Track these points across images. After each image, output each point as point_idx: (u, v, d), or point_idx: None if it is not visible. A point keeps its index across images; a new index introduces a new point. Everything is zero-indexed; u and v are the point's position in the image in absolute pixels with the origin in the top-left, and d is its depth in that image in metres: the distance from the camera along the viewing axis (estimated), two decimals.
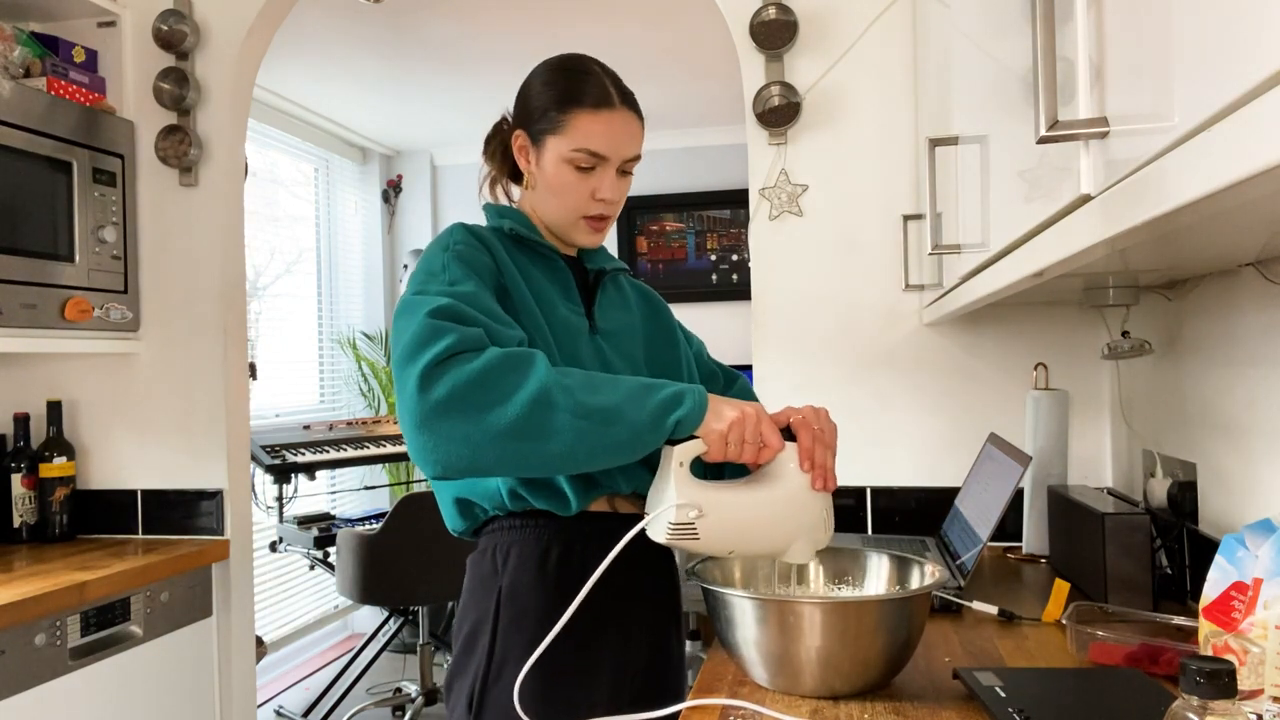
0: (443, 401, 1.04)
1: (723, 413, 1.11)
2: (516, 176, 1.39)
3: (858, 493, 2.08)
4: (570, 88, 1.27)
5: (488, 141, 1.40)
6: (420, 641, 3.48)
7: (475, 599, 1.27)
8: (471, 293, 1.15)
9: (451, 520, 1.32)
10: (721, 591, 1.12)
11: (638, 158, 1.31)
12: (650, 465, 1.30)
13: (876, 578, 1.27)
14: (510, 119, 1.37)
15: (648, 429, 1.08)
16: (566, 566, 1.24)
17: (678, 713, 1.12)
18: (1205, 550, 1.42)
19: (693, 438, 1.11)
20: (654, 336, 1.42)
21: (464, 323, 1.10)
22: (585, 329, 1.31)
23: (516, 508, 1.25)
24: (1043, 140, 0.64)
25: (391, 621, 3.78)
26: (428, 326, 1.08)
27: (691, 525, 1.09)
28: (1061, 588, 1.43)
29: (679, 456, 1.10)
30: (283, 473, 3.49)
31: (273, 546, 3.58)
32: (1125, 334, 1.76)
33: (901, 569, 1.24)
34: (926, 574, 1.19)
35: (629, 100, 1.30)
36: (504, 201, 1.41)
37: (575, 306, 1.31)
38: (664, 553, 1.36)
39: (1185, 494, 1.53)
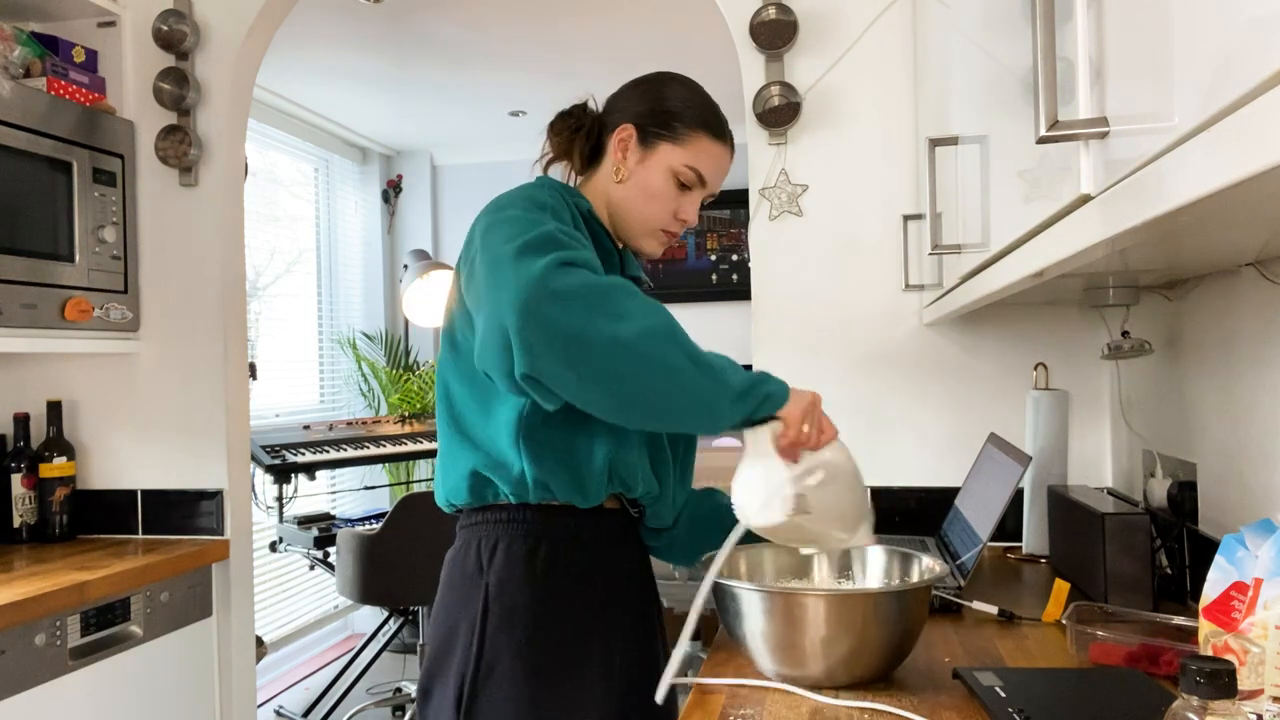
0: (567, 292, 1.02)
1: (800, 396, 1.11)
2: (582, 165, 1.37)
3: None
4: (704, 111, 1.32)
5: (562, 119, 1.37)
6: (420, 641, 3.48)
7: (457, 596, 1.24)
8: (581, 244, 1.14)
9: (454, 493, 1.27)
10: (731, 585, 1.16)
11: (716, 195, 1.36)
12: (657, 470, 1.32)
13: (878, 572, 1.31)
14: (601, 108, 1.37)
15: (740, 396, 1.07)
16: (555, 563, 1.23)
17: (675, 712, 1.12)
18: (1205, 550, 1.42)
19: (771, 418, 1.10)
20: None
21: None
22: None
23: (535, 498, 1.22)
24: (1043, 140, 0.64)
25: (391, 621, 3.78)
26: (554, 233, 1.09)
27: (805, 499, 1.09)
28: (1061, 588, 1.43)
29: (771, 435, 1.10)
30: (283, 473, 3.49)
31: (273, 546, 3.58)
32: (1125, 334, 1.76)
33: (903, 564, 1.28)
34: (925, 567, 1.23)
35: (733, 143, 1.37)
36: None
37: None
38: (643, 558, 1.37)
39: (1185, 494, 1.53)
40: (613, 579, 1.29)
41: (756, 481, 1.11)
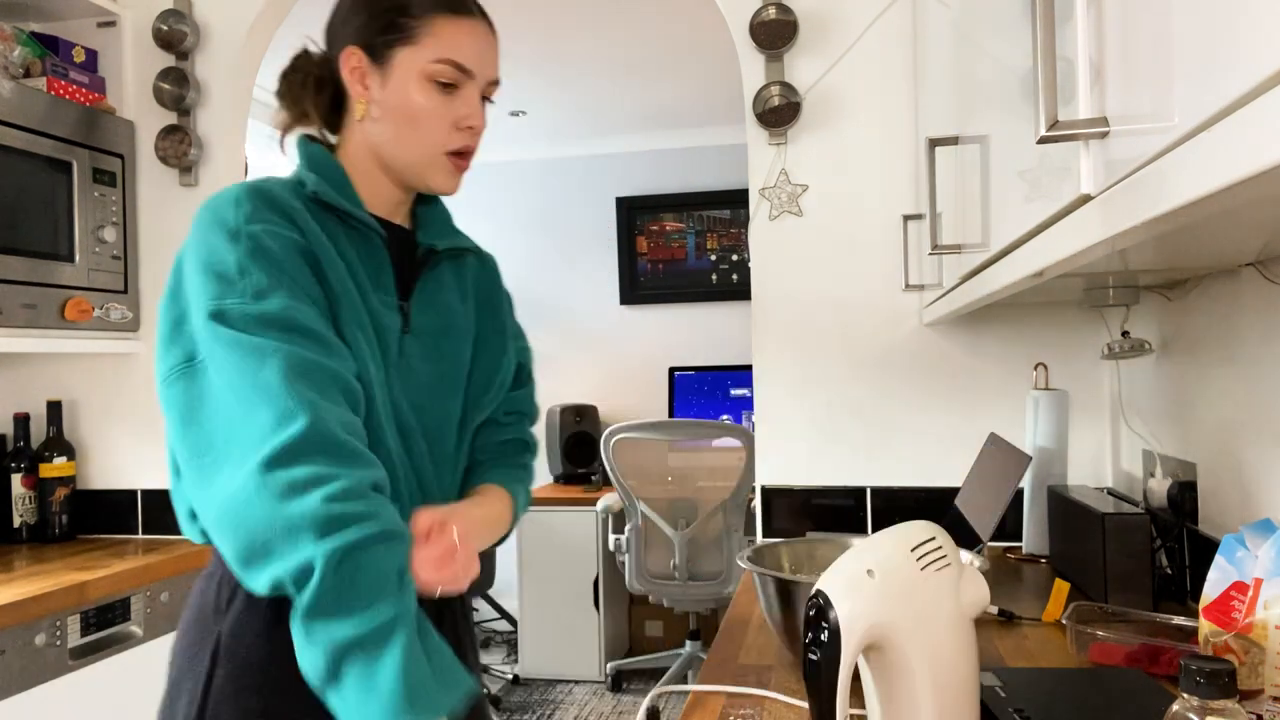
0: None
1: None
2: (330, 122, 1.15)
3: (857, 493, 2.08)
4: None
5: (285, 77, 1.17)
6: None
7: (189, 635, 1.02)
8: (283, 312, 0.92)
9: (185, 527, 1.03)
10: (777, 576, 1.17)
11: (498, 84, 1.11)
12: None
13: None
14: (321, 45, 1.14)
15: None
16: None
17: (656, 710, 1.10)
18: (1205, 550, 1.42)
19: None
20: (484, 336, 1.19)
21: (308, 375, 0.91)
22: (396, 327, 1.07)
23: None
24: (1043, 140, 0.64)
25: None
26: (269, 396, 0.89)
27: None
28: (1061, 588, 1.43)
29: None
30: None
31: None
32: (1125, 334, 1.76)
33: None
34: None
35: (486, 16, 1.11)
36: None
37: (387, 297, 1.07)
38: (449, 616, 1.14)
39: (1185, 494, 1.53)
40: None
41: None
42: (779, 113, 2.06)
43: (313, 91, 1.14)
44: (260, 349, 0.91)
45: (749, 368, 4.24)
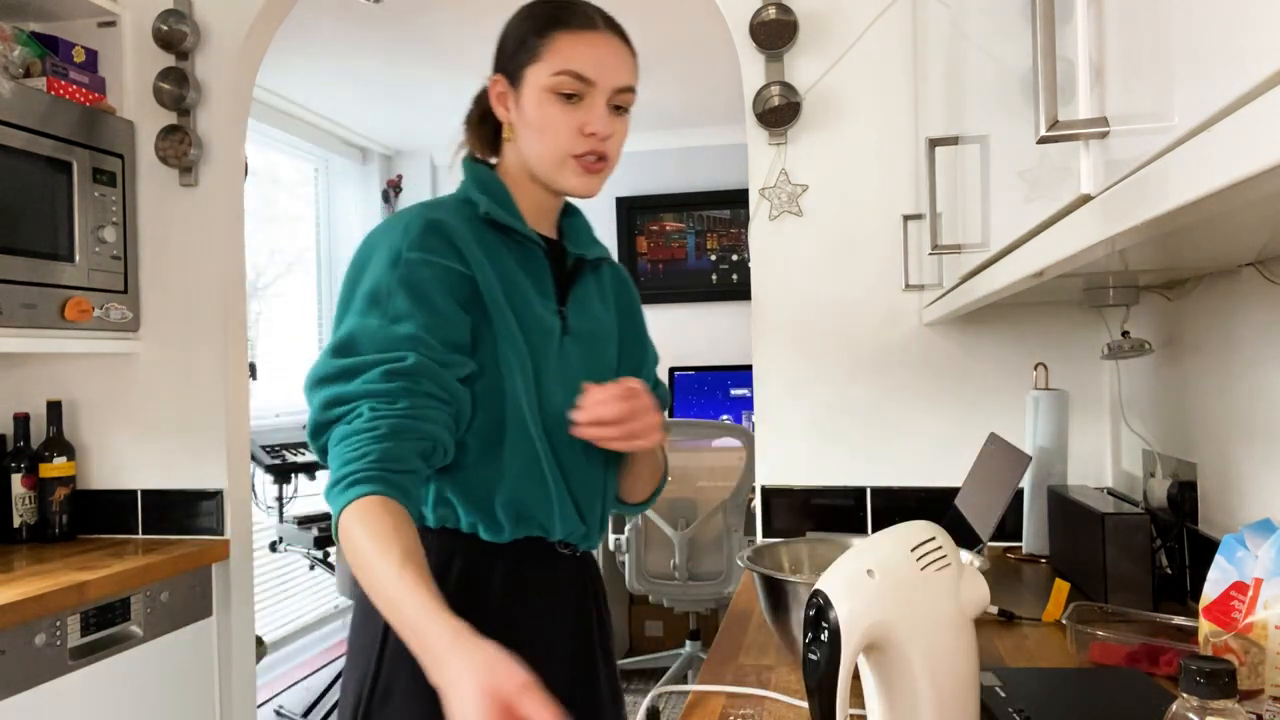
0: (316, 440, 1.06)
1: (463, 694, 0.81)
2: (497, 147, 1.25)
3: (857, 493, 2.08)
4: (550, 13, 1.16)
5: (466, 120, 1.29)
6: None
7: (365, 609, 1.14)
8: (410, 336, 1.05)
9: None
10: (776, 576, 1.18)
11: (631, 91, 1.17)
12: (580, 506, 1.20)
13: None
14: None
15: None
16: (467, 586, 1.11)
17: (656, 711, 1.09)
18: (1205, 550, 1.42)
19: None
20: (627, 339, 1.32)
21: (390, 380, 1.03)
22: (557, 330, 1.18)
23: (436, 524, 1.14)
24: (1043, 140, 0.64)
25: None
26: (349, 342, 1.06)
27: None
28: (1061, 588, 1.43)
29: None
30: (283, 473, 3.49)
31: (273, 546, 3.58)
32: (1125, 334, 1.76)
33: None
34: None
35: (615, 27, 1.18)
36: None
37: (549, 302, 1.19)
38: (575, 580, 1.24)
39: (1185, 494, 1.53)
40: (531, 605, 1.16)
41: None
42: (779, 113, 2.06)
43: (476, 123, 1.26)
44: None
45: (749, 368, 4.24)
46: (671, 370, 4.46)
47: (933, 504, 2.04)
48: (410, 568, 0.89)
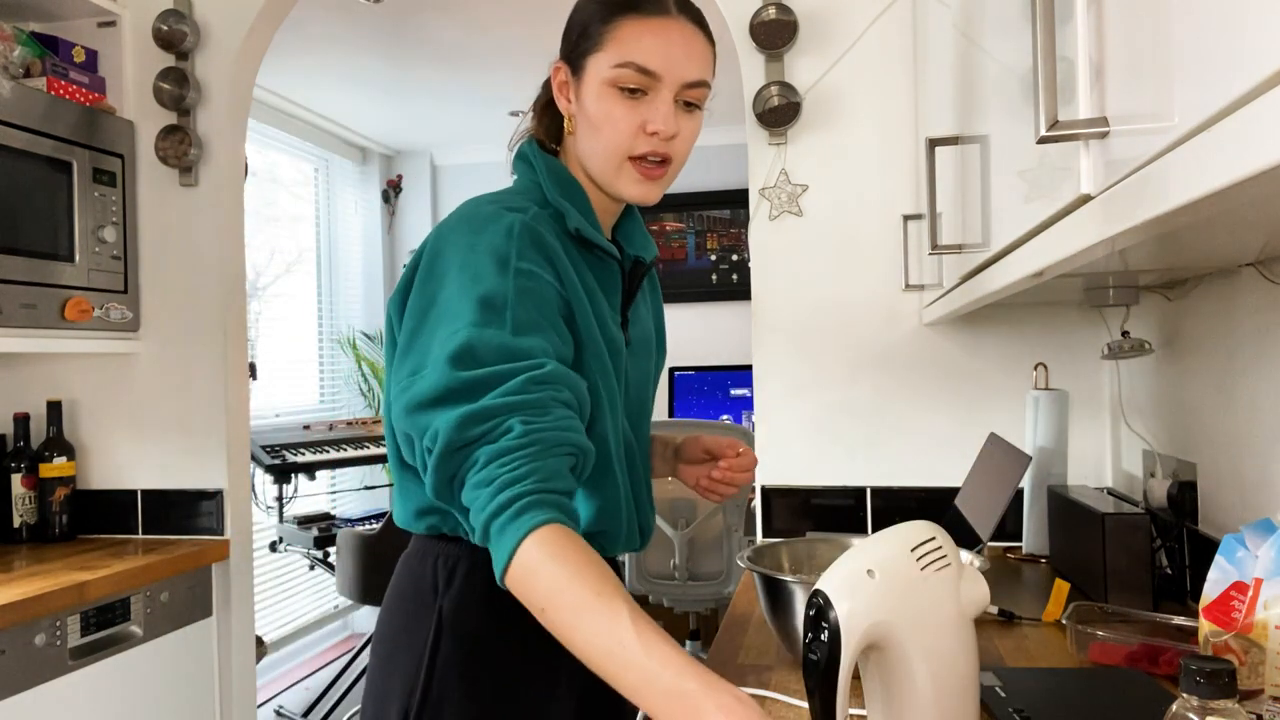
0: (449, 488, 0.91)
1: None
2: (558, 137, 1.14)
3: (857, 493, 2.08)
4: None
5: (539, 96, 1.17)
6: None
7: (406, 610, 1.07)
8: (540, 347, 0.94)
9: (409, 524, 1.10)
10: (776, 577, 1.18)
11: (705, 86, 1.05)
12: (642, 527, 1.16)
13: None
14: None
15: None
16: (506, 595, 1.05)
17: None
18: (1205, 550, 1.42)
19: None
20: (660, 344, 1.27)
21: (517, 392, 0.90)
22: (622, 345, 1.11)
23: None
24: (1043, 140, 0.64)
25: None
26: (493, 346, 0.91)
27: None
28: (1061, 588, 1.43)
29: None
30: (283, 473, 3.49)
31: (273, 546, 3.58)
32: (1125, 334, 1.76)
33: None
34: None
35: (690, 11, 1.06)
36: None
37: (616, 315, 1.12)
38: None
39: (1185, 494, 1.53)
40: None
41: None
42: (779, 113, 2.06)
43: (542, 109, 1.15)
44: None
45: (749, 368, 4.24)
46: (672, 370, 4.46)
47: (933, 504, 2.04)
48: (640, 621, 0.78)
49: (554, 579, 0.80)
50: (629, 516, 1.12)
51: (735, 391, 4.38)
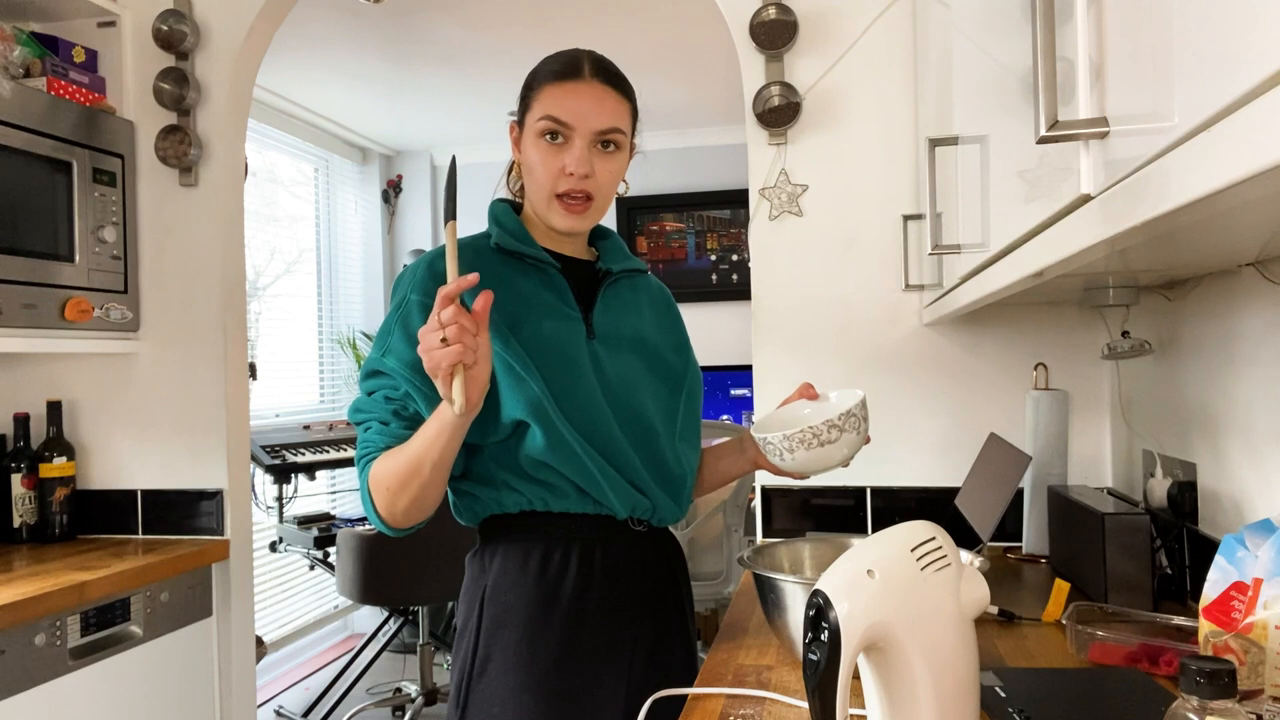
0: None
1: None
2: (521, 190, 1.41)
3: (857, 493, 2.08)
4: (549, 64, 1.31)
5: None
6: (420, 641, 3.48)
7: (466, 597, 1.32)
8: (392, 369, 1.24)
9: (459, 515, 1.36)
10: (773, 577, 1.18)
11: (618, 132, 1.29)
12: (636, 483, 1.31)
13: None
14: None
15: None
16: (545, 566, 1.26)
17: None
18: (1205, 550, 1.42)
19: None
20: (665, 349, 1.42)
21: (365, 411, 1.26)
22: (582, 335, 1.30)
23: (517, 510, 1.28)
24: (1043, 140, 0.64)
25: (391, 621, 3.78)
26: (357, 416, 1.28)
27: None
28: (1061, 588, 1.43)
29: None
30: (283, 473, 3.49)
31: (273, 546, 3.58)
32: (1125, 334, 1.76)
33: None
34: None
35: (604, 74, 1.29)
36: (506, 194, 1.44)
37: (571, 311, 1.31)
38: (660, 558, 1.36)
39: (1185, 494, 1.53)
40: (614, 580, 1.29)
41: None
42: (779, 113, 2.06)
43: (511, 165, 1.42)
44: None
45: (749, 368, 4.24)
46: None
47: (933, 504, 2.04)
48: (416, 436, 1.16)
49: (385, 469, 1.20)
50: (614, 486, 1.27)
51: (735, 391, 4.38)
